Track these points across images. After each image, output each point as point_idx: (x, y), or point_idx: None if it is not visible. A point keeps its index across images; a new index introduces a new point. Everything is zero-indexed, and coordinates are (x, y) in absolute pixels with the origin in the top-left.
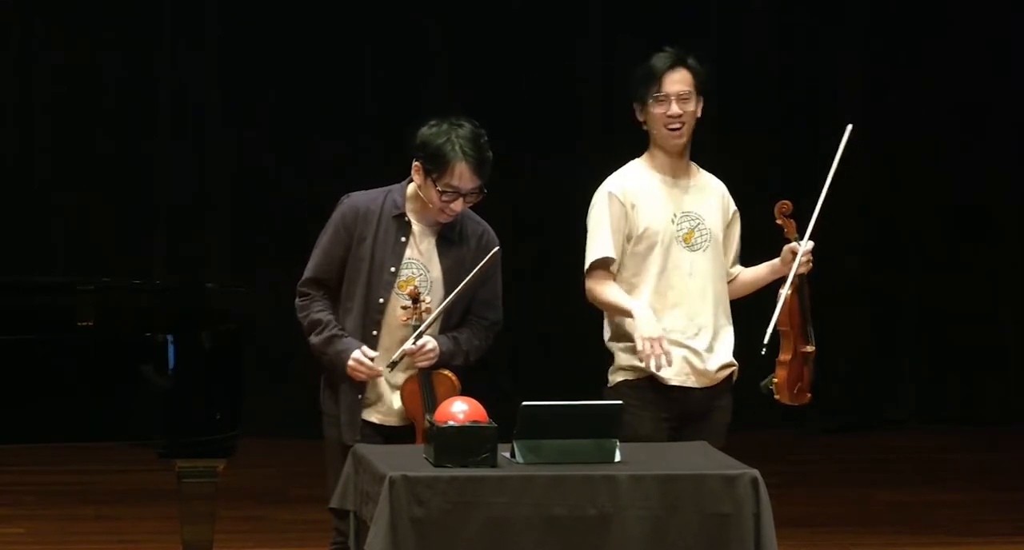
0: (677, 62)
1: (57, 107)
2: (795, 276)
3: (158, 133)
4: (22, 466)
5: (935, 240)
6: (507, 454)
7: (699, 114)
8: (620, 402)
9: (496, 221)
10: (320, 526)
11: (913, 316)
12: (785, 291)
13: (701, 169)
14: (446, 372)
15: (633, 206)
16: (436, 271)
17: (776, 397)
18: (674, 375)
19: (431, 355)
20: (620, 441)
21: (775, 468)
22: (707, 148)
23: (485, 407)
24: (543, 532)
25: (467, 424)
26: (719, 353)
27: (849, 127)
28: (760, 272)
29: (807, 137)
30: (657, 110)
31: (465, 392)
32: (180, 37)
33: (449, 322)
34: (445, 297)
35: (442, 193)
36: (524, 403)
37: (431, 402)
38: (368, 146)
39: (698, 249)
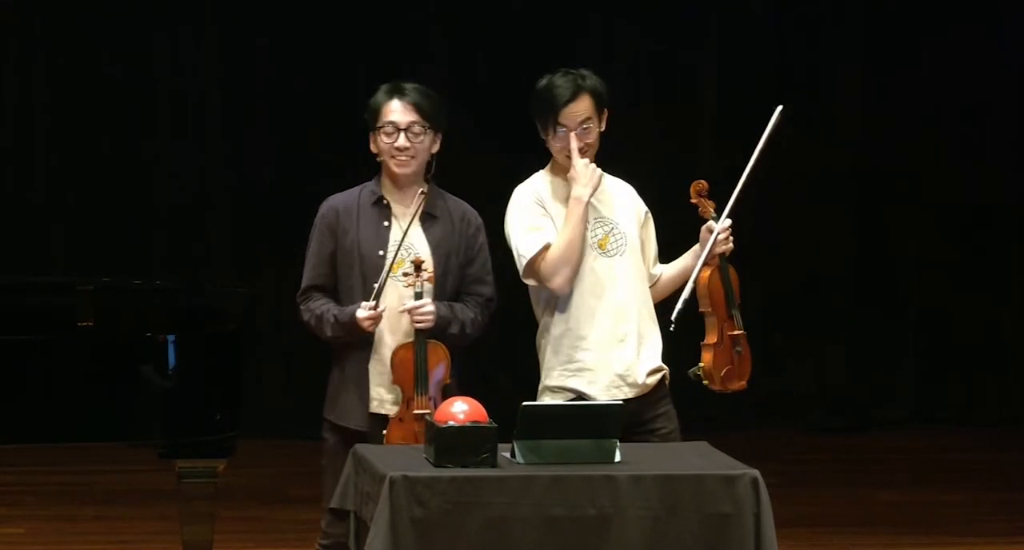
0: (577, 91)
1: (57, 107)
2: (709, 254)
3: (158, 133)
4: (22, 466)
5: (935, 240)
6: (507, 454)
7: (603, 128)
8: (621, 402)
9: (495, 220)
10: (320, 526)
11: (913, 316)
12: (697, 268)
13: (605, 174)
14: (441, 344)
15: (549, 216)
16: (424, 250)
17: (705, 383)
18: (603, 390)
19: (429, 317)
20: None
21: (775, 468)
22: (707, 148)
23: (485, 407)
24: (543, 532)
25: (467, 424)
26: (647, 359)
27: (779, 108)
28: (685, 262)
29: (807, 137)
30: (557, 144)
31: (464, 391)
32: (180, 37)
33: (442, 296)
34: (434, 274)
35: (384, 133)
36: (524, 403)
37: (423, 369)
38: (367, 148)
39: (615, 254)
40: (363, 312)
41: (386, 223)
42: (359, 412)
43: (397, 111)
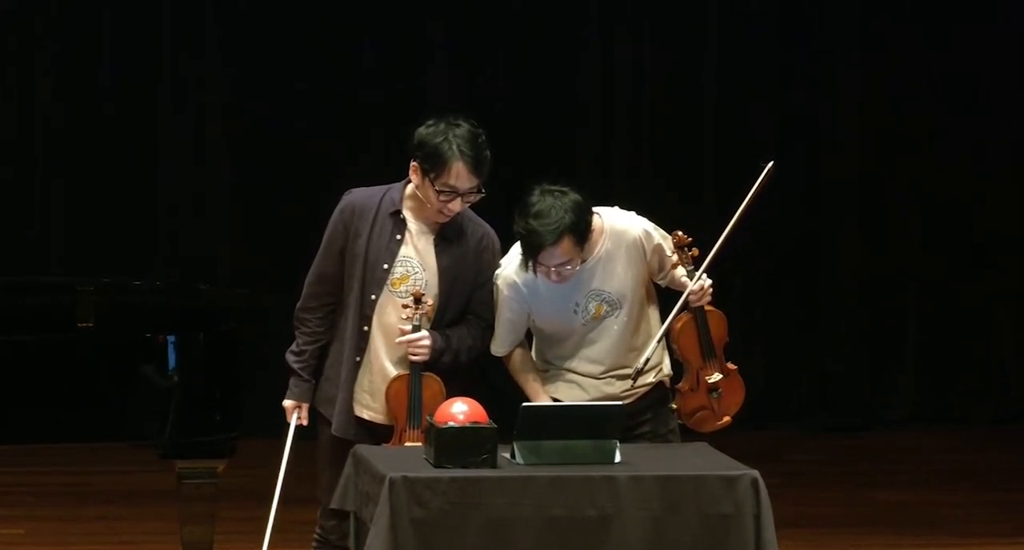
0: (557, 239)
1: (57, 108)
2: (682, 307)
3: (159, 132)
4: (22, 466)
5: (935, 240)
6: (507, 455)
7: (591, 235)
8: (621, 403)
9: (496, 224)
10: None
11: (913, 316)
12: (669, 320)
13: (605, 229)
14: (436, 377)
15: (530, 314)
16: (432, 270)
17: (680, 421)
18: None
19: (424, 350)
20: None
21: (775, 468)
22: (706, 147)
23: (485, 408)
24: (543, 533)
25: (467, 425)
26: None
27: (770, 164)
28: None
29: (807, 136)
30: (540, 272)
31: (465, 393)
32: (181, 35)
33: (443, 319)
34: (440, 295)
35: (440, 193)
36: (524, 404)
37: (417, 403)
38: (367, 147)
39: (610, 316)
40: (290, 404)
41: (398, 236)
42: (343, 417)
43: (463, 177)
